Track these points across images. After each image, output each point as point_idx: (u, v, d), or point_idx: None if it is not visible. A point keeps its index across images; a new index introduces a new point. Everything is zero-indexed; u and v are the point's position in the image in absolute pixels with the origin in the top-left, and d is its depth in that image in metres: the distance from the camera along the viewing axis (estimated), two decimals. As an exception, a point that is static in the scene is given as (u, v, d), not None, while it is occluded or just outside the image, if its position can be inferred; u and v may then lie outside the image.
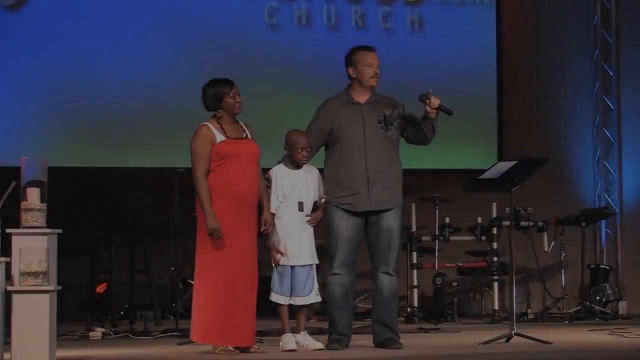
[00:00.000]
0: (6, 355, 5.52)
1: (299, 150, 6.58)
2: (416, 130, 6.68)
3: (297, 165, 6.63)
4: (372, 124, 6.62)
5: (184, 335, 7.62)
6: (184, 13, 10.51)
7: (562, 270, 10.36)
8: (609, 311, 10.26)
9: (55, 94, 10.18)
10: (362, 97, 6.70)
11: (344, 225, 6.59)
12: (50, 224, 5.58)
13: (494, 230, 10.13)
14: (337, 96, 6.76)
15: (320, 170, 6.74)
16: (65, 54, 10.22)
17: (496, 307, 10.10)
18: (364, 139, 6.59)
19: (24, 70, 10.16)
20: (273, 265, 6.60)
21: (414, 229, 10.07)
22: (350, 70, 6.71)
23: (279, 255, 6.55)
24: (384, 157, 6.61)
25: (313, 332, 7.07)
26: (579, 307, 10.23)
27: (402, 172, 6.74)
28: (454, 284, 10.37)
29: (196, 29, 10.52)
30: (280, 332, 6.68)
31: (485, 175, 7.15)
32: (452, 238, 10.12)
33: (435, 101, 6.54)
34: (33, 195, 5.54)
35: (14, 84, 10.16)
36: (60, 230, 5.63)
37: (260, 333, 7.31)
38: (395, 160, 6.69)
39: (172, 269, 8.82)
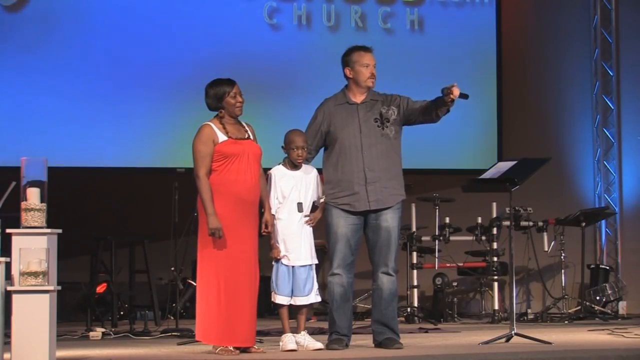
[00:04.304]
0: (6, 355, 5.51)
1: (294, 150, 6.57)
2: (428, 111, 6.61)
3: (296, 166, 6.64)
4: (368, 123, 6.61)
5: (184, 335, 7.63)
6: (184, 13, 10.52)
7: (562, 270, 10.36)
8: (609, 311, 10.26)
9: (55, 94, 10.18)
10: (358, 97, 6.68)
11: (343, 225, 6.58)
12: (50, 224, 5.58)
13: (494, 230, 10.12)
14: (333, 97, 6.75)
15: (320, 171, 6.74)
16: (65, 53, 10.22)
17: (496, 307, 10.09)
18: (361, 139, 6.58)
19: (23, 70, 10.15)
20: (274, 263, 6.60)
21: (414, 229, 10.06)
22: (347, 71, 6.69)
23: (281, 251, 6.54)
24: (381, 156, 6.60)
25: (313, 332, 7.08)
26: (579, 307, 10.22)
27: (403, 171, 6.72)
28: (454, 284, 10.36)
29: (196, 28, 10.53)
30: (281, 332, 6.68)
31: (485, 175, 7.15)
32: (452, 238, 10.11)
33: (456, 92, 6.51)
34: (33, 195, 5.53)
35: (14, 83, 10.15)
36: (60, 230, 5.63)
37: (260, 333, 7.31)
38: (394, 158, 6.66)
39: (172, 269, 8.81)
